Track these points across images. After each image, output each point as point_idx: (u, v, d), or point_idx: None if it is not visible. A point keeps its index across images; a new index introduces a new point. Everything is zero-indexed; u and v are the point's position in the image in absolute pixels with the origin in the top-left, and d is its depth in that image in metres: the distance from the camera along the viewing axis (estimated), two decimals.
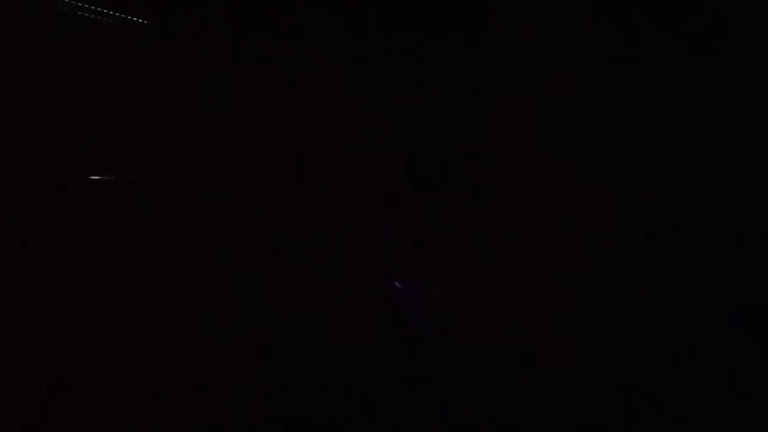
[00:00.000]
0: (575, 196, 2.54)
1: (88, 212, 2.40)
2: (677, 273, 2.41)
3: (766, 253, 2.27)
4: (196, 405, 2.48)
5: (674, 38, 2.44)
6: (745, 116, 2.33)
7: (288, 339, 2.67)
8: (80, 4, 2.40)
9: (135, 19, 2.51)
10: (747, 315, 2.27)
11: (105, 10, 2.45)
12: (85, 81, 2.41)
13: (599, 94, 2.55)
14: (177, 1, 2.59)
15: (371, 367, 2.68)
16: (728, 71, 2.35)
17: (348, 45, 2.81)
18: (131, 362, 2.41)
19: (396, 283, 2.80)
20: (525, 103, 2.64)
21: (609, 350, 2.45)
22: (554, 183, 2.57)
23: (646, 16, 2.48)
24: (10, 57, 2.25)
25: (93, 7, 2.43)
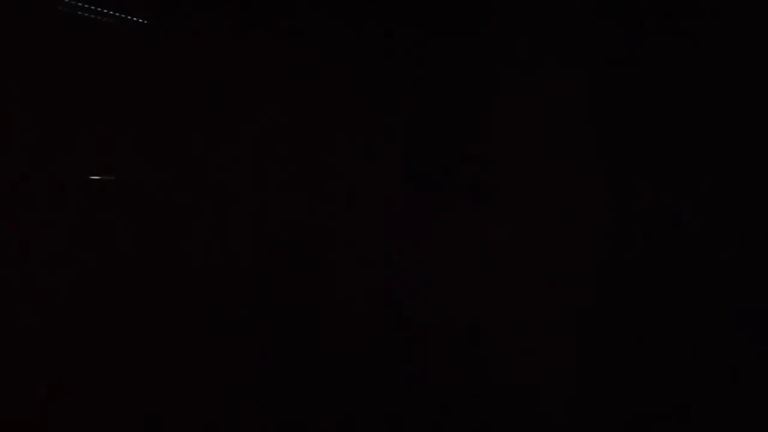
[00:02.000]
0: (575, 196, 2.55)
1: (88, 212, 2.40)
2: (677, 273, 2.41)
3: (766, 253, 2.27)
4: (196, 405, 2.48)
5: (674, 38, 2.44)
6: (745, 116, 2.33)
7: (288, 339, 2.67)
8: (80, 4, 2.40)
9: (135, 19, 2.51)
10: (747, 315, 2.27)
11: (105, 10, 2.45)
12: (85, 81, 2.41)
13: (599, 94, 2.55)
14: (177, 1, 2.59)
15: (371, 367, 2.68)
16: (728, 71, 2.35)
17: (348, 45, 2.81)
18: (131, 362, 2.41)
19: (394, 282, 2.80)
20: (525, 103, 2.64)
21: (609, 350, 2.45)
22: (554, 183, 2.57)
23: (646, 16, 2.49)
24: (10, 57, 2.24)
25: (93, 7, 2.43)
